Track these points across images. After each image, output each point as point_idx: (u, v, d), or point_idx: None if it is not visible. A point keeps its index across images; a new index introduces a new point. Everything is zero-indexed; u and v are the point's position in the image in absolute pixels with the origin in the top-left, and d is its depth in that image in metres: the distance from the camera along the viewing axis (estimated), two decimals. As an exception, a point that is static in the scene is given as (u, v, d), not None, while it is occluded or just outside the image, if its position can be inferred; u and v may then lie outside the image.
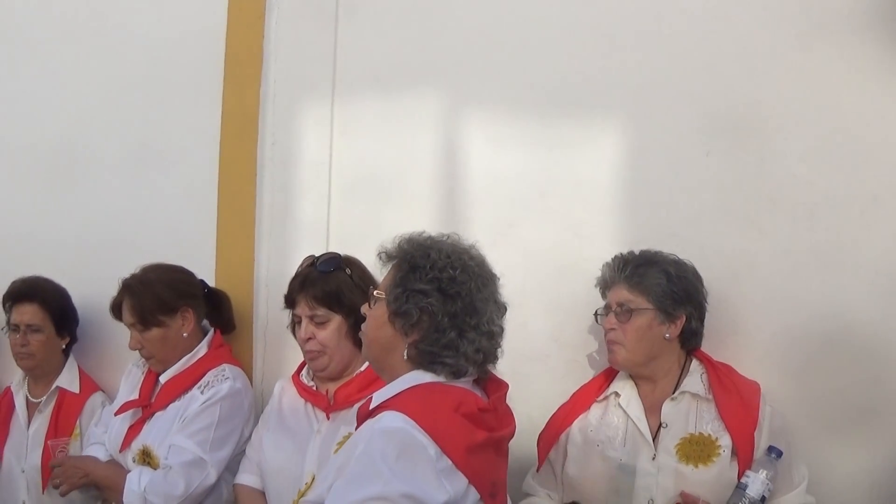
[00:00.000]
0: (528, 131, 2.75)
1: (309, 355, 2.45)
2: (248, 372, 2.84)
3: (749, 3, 2.58)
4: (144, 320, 2.64)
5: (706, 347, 2.44)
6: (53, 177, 3.25)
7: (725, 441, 2.25)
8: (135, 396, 2.73)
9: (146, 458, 2.58)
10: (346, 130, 2.92)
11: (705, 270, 2.43)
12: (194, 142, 3.05)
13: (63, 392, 2.97)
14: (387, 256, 1.90)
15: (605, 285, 2.44)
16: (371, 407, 1.78)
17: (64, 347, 3.03)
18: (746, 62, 2.56)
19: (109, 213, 3.16)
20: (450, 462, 1.67)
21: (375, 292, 1.88)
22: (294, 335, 2.50)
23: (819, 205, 2.49)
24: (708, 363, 2.39)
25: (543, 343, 2.68)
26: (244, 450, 2.59)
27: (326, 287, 2.40)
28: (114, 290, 2.70)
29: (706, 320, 2.42)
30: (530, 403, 2.44)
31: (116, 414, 2.72)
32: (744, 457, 2.22)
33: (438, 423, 1.69)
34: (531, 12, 2.76)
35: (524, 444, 2.33)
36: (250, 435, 2.61)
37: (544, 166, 2.73)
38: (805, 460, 2.37)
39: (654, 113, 2.63)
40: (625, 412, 2.36)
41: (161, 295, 2.65)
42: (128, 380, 2.81)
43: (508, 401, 1.91)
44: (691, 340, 2.40)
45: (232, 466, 2.59)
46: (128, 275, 2.69)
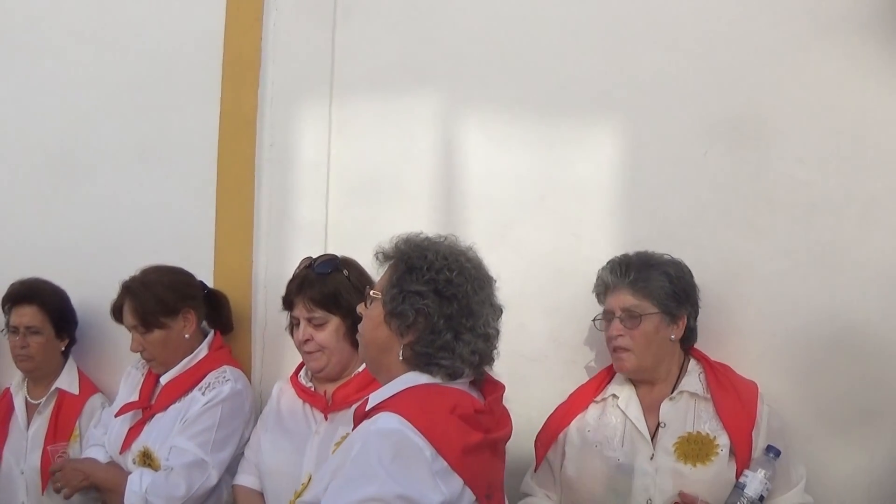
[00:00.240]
0: (527, 132, 2.74)
1: (307, 356, 2.45)
2: (247, 373, 2.83)
3: (749, 4, 2.58)
4: (146, 322, 2.64)
5: (705, 348, 2.44)
6: (52, 179, 3.26)
7: (723, 440, 2.25)
8: (135, 398, 2.73)
9: (147, 460, 2.58)
10: (345, 132, 2.92)
11: (704, 271, 2.43)
12: (193, 143, 3.04)
13: (62, 394, 2.97)
14: (384, 256, 1.89)
15: (605, 290, 2.42)
16: (367, 408, 1.77)
17: (63, 349, 3.03)
18: (746, 63, 2.56)
19: (108, 215, 3.16)
20: (445, 463, 1.66)
21: (372, 292, 1.87)
22: (292, 337, 2.50)
23: (818, 205, 2.49)
24: (706, 363, 2.39)
25: (542, 344, 2.67)
26: (243, 451, 2.59)
27: (324, 289, 2.40)
28: (113, 292, 2.70)
29: (704, 320, 2.42)
30: (529, 404, 2.44)
31: (116, 415, 2.72)
32: (742, 456, 2.22)
33: (434, 425, 1.68)
34: (530, 12, 2.76)
35: (522, 445, 2.33)
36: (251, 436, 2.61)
37: (543, 167, 2.73)
38: (803, 460, 2.37)
39: (653, 114, 2.63)
40: (623, 412, 2.35)
41: (162, 297, 2.65)
42: (127, 381, 2.81)
43: (506, 402, 1.90)
44: (689, 339, 2.41)
45: (232, 468, 2.59)
46: (128, 277, 2.69)
